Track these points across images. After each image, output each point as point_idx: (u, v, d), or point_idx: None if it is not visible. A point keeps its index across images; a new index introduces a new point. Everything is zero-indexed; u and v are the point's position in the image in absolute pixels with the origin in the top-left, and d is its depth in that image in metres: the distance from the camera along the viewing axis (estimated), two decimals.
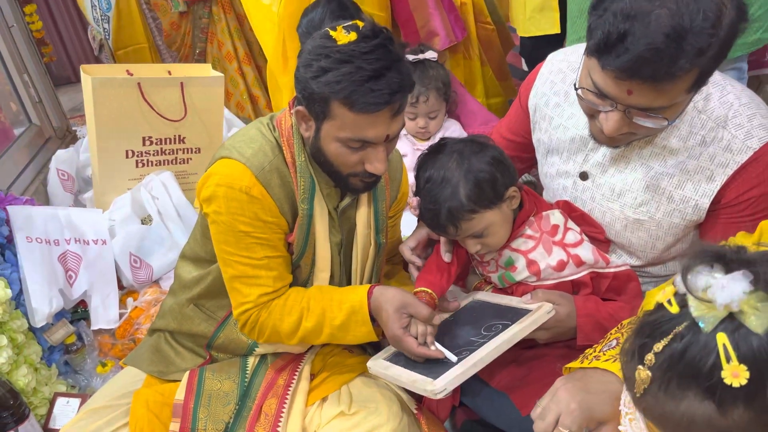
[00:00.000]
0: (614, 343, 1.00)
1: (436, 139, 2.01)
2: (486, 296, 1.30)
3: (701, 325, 0.62)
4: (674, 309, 0.65)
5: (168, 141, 2.13)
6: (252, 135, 1.25)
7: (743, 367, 0.60)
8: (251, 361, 1.39)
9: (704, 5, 0.90)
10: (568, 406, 0.93)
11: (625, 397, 0.86)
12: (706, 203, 1.13)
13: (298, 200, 1.24)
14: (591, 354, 1.00)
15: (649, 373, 0.66)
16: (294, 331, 1.26)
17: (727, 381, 0.60)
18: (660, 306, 0.67)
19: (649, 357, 0.65)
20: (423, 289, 1.24)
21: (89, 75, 1.94)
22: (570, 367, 1.02)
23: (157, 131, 2.09)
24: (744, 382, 0.60)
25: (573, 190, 1.28)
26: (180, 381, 1.35)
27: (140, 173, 2.12)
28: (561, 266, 1.21)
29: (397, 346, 1.21)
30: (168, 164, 2.16)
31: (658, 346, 0.65)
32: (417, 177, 1.22)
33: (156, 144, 2.11)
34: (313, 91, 1.11)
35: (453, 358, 1.13)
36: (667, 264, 1.25)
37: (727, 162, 1.10)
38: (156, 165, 2.14)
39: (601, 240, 1.26)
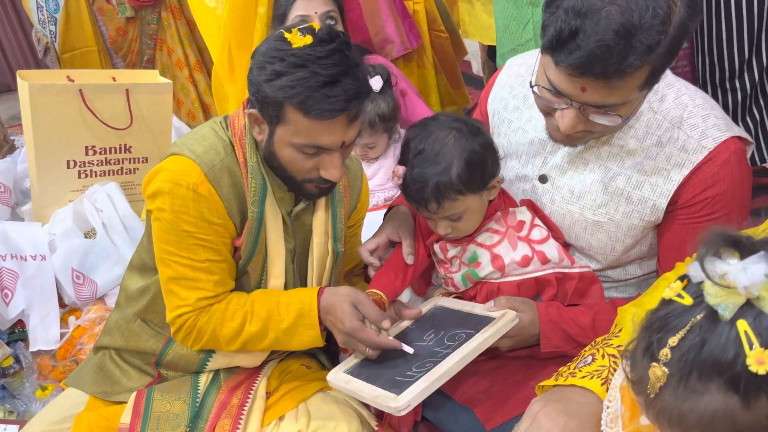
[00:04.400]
0: (590, 359, 0.97)
1: (388, 156, 1.99)
2: (448, 302, 1.27)
3: (720, 312, 0.60)
4: (687, 301, 0.63)
5: (113, 150, 2.04)
6: (204, 133, 1.21)
7: None
8: (203, 379, 1.32)
9: (654, 2, 0.91)
10: (535, 416, 0.90)
11: (606, 417, 0.84)
12: (663, 203, 1.13)
13: (249, 202, 1.19)
14: (566, 371, 0.97)
15: (666, 370, 0.63)
16: (235, 336, 1.21)
17: (753, 368, 0.58)
18: (667, 301, 0.65)
19: (665, 352, 0.63)
20: (373, 290, 1.22)
21: (26, 81, 1.85)
22: (543, 386, 0.99)
23: (101, 140, 2.00)
24: None
25: (533, 194, 1.27)
26: (126, 403, 1.27)
27: (83, 184, 2.02)
28: (525, 261, 1.20)
29: (352, 341, 1.16)
30: (113, 175, 2.07)
31: (674, 340, 0.62)
32: (406, 147, 1.20)
33: (100, 154, 2.02)
34: (267, 94, 1.08)
35: (410, 350, 1.13)
36: (627, 268, 1.25)
37: (683, 162, 1.11)
38: (100, 176, 2.05)
39: (560, 244, 1.25)
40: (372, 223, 1.45)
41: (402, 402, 1.02)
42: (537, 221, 1.23)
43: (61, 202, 1.98)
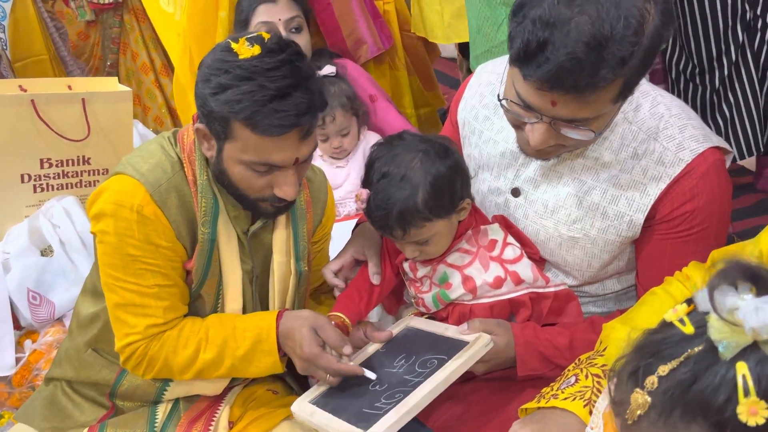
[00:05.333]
0: (573, 379, 0.93)
1: (357, 158, 1.93)
2: (420, 323, 1.21)
3: (720, 350, 0.54)
4: (688, 329, 0.58)
5: (70, 162, 1.94)
6: (151, 150, 1.14)
7: (763, 404, 0.52)
8: (161, 410, 1.25)
9: (626, 12, 0.86)
10: None
11: None
12: (640, 219, 1.08)
13: (199, 223, 1.12)
14: (548, 393, 0.94)
15: (649, 399, 0.58)
16: (189, 365, 1.14)
17: (742, 418, 0.53)
18: (668, 325, 0.60)
19: (651, 380, 0.58)
20: (336, 314, 1.16)
21: None
22: (526, 408, 0.96)
23: (57, 152, 1.90)
24: (762, 421, 0.52)
25: (506, 208, 1.21)
26: None
27: (39, 199, 1.92)
28: (498, 283, 1.14)
29: (311, 368, 1.10)
30: (72, 188, 1.97)
31: (664, 369, 0.57)
32: (369, 168, 1.14)
33: (56, 166, 1.92)
34: (212, 109, 1.01)
35: (372, 376, 1.08)
36: (605, 282, 1.20)
37: (659, 175, 1.06)
38: (58, 189, 1.95)
39: (536, 260, 1.19)
40: (343, 234, 1.38)
41: None
42: (510, 239, 1.18)
43: (15, 219, 1.88)
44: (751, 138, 1.75)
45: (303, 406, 1.11)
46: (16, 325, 1.72)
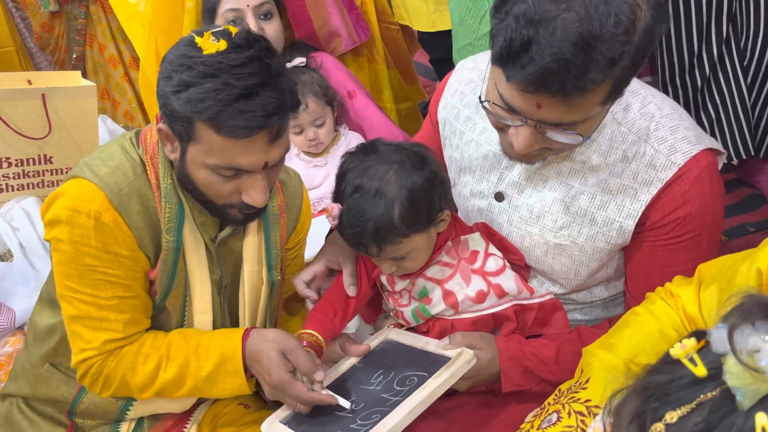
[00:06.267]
0: (554, 417, 0.87)
1: (336, 157, 1.85)
2: (400, 336, 1.14)
3: (738, 398, 0.48)
4: (700, 372, 0.51)
5: (31, 162, 1.85)
6: (111, 152, 1.06)
7: None
8: (124, 429, 1.18)
9: (616, 8, 0.80)
10: None
11: None
12: (631, 225, 1.03)
13: (163, 230, 1.05)
14: (529, 431, 0.88)
15: None
16: (149, 384, 1.07)
17: None
18: (674, 362, 0.53)
19: (658, 427, 0.52)
20: (308, 331, 1.08)
21: None
22: None
23: (17, 151, 1.81)
24: None
25: (488, 213, 1.15)
26: None
27: None
28: (481, 297, 1.08)
29: (280, 395, 1.04)
30: (33, 188, 1.88)
31: (672, 416, 0.51)
32: (341, 180, 1.06)
33: (16, 166, 1.83)
34: (175, 108, 0.94)
35: (346, 404, 1.01)
36: (592, 290, 1.15)
37: (651, 180, 1.00)
38: (17, 190, 1.86)
39: (521, 267, 1.14)
40: (322, 232, 1.31)
41: None
42: (492, 249, 1.11)
43: None
44: (738, 138, 1.70)
45: (274, 426, 1.04)
46: None
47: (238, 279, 1.17)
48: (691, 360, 0.52)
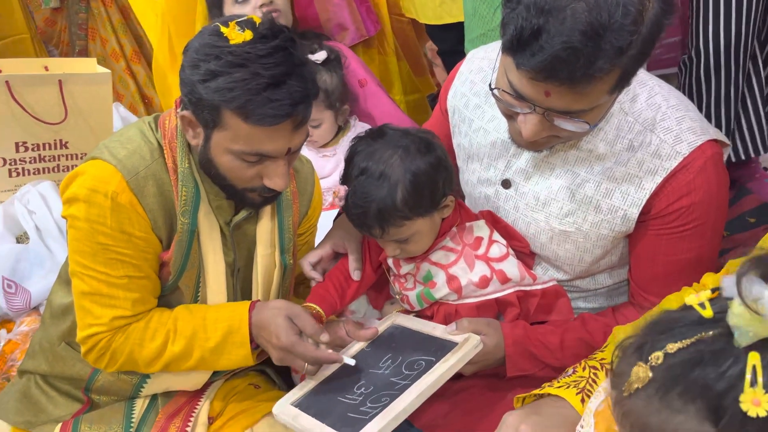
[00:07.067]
0: (571, 371, 0.93)
1: (346, 146, 1.87)
2: (407, 321, 1.17)
3: (737, 336, 0.54)
4: (707, 313, 0.57)
5: (47, 146, 1.89)
6: (130, 135, 1.10)
7: (767, 397, 0.51)
8: (139, 405, 1.21)
9: None
10: (517, 428, 0.88)
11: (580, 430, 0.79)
12: (635, 213, 1.05)
13: (178, 212, 1.08)
14: (546, 384, 0.94)
15: (650, 374, 0.57)
16: (156, 358, 1.11)
17: (743, 406, 0.52)
18: (687, 307, 0.59)
19: (657, 355, 0.57)
20: (310, 304, 1.13)
21: None
22: (522, 398, 0.96)
23: (34, 136, 1.85)
24: (764, 414, 0.51)
25: (495, 200, 1.17)
26: None
27: (15, 184, 1.87)
28: (484, 282, 1.11)
29: (289, 357, 1.07)
30: (48, 172, 1.92)
31: (672, 347, 0.57)
32: (349, 163, 1.10)
33: (33, 150, 1.87)
34: (201, 96, 0.97)
35: (351, 362, 1.07)
36: (596, 277, 1.17)
37: (655, 169, 1.02)
38: (34, 174, 1.90)
39: (526, 254, 1.16)
40: (330, 223, 1.34)
41: None
42: (496, 236, 1.14)
43: None
44: (758, 134, 1.70)
45: (285, 408, 1.07)
46: None
47: (251, 263, 1.20)
48: (702, 305, 0.57)
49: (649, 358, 0.58)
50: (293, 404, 1.07)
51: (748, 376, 0.52)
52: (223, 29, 0.97)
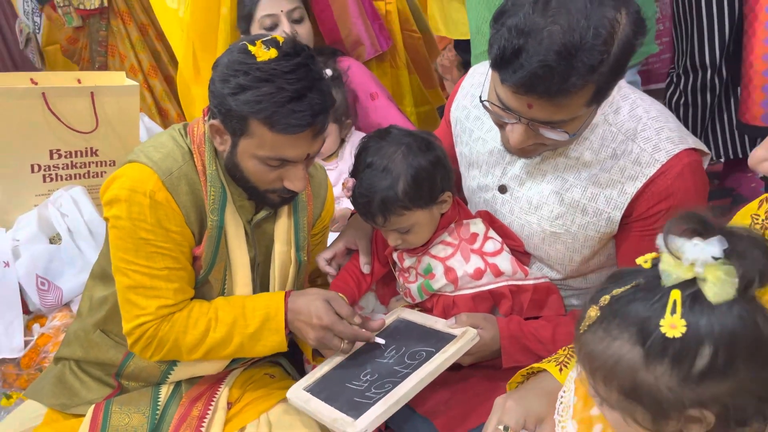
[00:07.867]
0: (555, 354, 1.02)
1: (344, 158, 1.98)
2: (411, 315, 1.27)
3: (663, 278, 0.67)
4: (647, 265, 0.71)
5: (79, 154, 2.00)
6: (163, 140, 1.21)
7: (683, 322, 0.64)
8: (164, 391, 1.31)
9: (596, 22, 0.91)
10: (504, 404, 0.97)
11: (559, 407, 0.90)
12: (617, 216, 1.13)
13: (208, 210, 1.19)
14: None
15: (599, 313, 0.71)
16: (198, 344, 1.20)
17: (663, 329, 0.65)
18: (636, 266, 0.73)
19: (605, 298, 0.71)
20: (336, 293, 1.23)
21: None
22: (513, 382, 1.06)
23: (67, 144, 1.96)
24: (678, 335, 0.64)
25: (493, 204, 1.27)
26: (84, 416, 1.26)
27: (48, 189, 1.98)
28: (478, 274, 1.21)
29: (327, 338, 1.17)
30: (79, 178, 2.03)
31: (617, 291, 0.70)
32: (357, 158, 1.21)
33: (65, 157, 1.98)
34: (231, 107, 1.08)
35: (381, 341, 1.19)
36: (588, 276, 1.26)
37: (636, 175, 1.11)
38: (66, 179, 2.01)
39: (521, 252, 1.25)
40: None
41: (359, 427, 1.02)
42: (491, 233, 1.24)
43: (25, 207, 1.94)
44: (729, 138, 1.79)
45: (298, 393, 1.17)
46: (25, 309, 1.78)
47: (269, 259, 1.30)
48: (645, 260, 0.71)
49: (599, 300, 0.71)
50: (305, 389, 1.17)
51: (669, 307, 0.65)
52: (250, 47, 1.07)
